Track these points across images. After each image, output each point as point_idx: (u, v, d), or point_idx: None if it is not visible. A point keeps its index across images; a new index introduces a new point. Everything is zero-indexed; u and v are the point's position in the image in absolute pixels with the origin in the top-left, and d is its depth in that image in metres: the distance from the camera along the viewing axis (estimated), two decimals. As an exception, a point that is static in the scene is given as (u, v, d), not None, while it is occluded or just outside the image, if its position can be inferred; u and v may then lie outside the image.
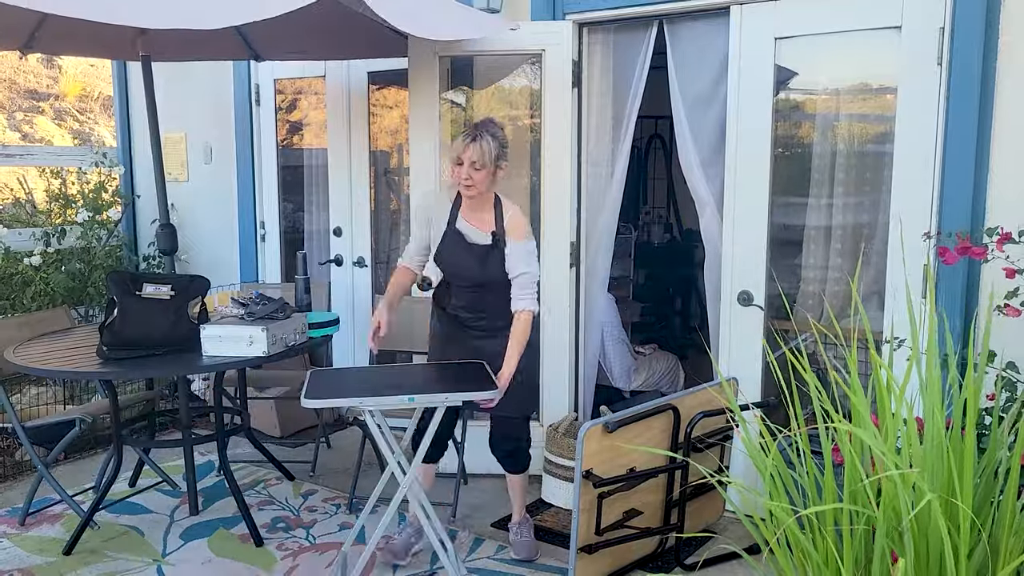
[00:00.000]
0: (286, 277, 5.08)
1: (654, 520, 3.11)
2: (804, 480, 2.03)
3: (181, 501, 3.78)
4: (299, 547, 3.36)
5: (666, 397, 3.13)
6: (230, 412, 4.04)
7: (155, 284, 3.30)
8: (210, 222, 5.34)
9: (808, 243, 3.55)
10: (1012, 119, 2.91)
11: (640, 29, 3.73)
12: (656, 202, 6.90)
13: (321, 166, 4.97)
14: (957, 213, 2.99)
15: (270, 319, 3.29)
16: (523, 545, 3.27)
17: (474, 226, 3.06)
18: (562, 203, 3.83)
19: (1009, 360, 2.66)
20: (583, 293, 3.99)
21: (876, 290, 3.31)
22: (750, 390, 3.48)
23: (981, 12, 2.90)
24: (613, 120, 3.90)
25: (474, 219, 3.07)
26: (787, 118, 3.50)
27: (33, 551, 3.34)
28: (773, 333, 3.53)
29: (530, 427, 3.26)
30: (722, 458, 3.31)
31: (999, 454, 1.96)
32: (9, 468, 4.17)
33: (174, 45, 4.13)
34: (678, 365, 4.99)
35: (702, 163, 3.63)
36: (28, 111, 9.39)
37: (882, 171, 3.28)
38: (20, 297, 4.89)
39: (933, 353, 1.95)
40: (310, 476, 4.09)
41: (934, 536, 1.77)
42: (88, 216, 5.17)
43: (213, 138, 5.25)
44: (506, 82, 4.22)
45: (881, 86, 3.30)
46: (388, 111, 5.03)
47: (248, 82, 5.01)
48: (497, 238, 3.03)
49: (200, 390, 5.13)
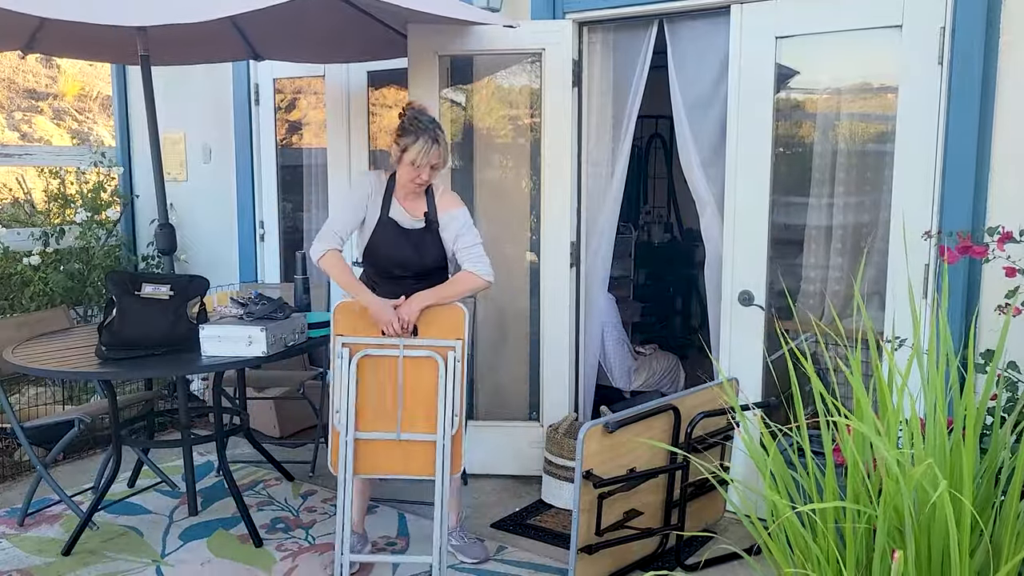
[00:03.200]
0: (285, 277, 5.07)
1: (654, 520, 3.11)
2: (805, 480, 2.03)
3: (180, 501, 3.77)
4: (298, 547, 3.35)
5: (666, 397, 3.13)
6: (229, 412, 4.04)
7: (154, 284, 3.29)
8: (209, 222, 5.33)
9: (809, 243, 3.54)
10: (1013, 118, 2.90)
11: (640, 28, 3.72)
12: (656, 202, 6.89)
13: (320, 165, 4.96)
14: (958, 212, 2.99)
15: (269, 319, 3.28)
16: (476, 546, 3.24)
17: (408, 212, 3.03)
18: (562, 203, 3.82)
19: (1011, 360, 2.65)
20: (583, 293, 3.99)
21: (877, 290, 3.30)
22: (751, 390, 3.47)
23: (982, 12, 2.89)
24: (613, 120, 3.89)
25: (408, 206, 3.04)
26: (788, 117, 3.49)
27: (32, 551, 3.33)
28: (774, 333, 3.52)
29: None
30: (722, 458, 3.30)
31: (1001, 455, 1.95)
32: (8, 468, 4.16)
33: (174, 47, 4.13)
34: (678, 365, 4.99)
35: (702, 163, 3.62)
36: (27, 111, 9.38)
37: (883, 170, 3.27)
38: (19, 297, 4.88)
39: (934, 352, 1.94)
40: (309, 476, 4.09)
41: (936, 535, 1.77)
42: (87, 216, 5.16)
43: (212, 138, 5.24)
44: (506, 81, 4.21)
45: (882, 85, 3.30)
46: (387, 110, 5.02)
47: (247, 82, 5.00)
48: (430, 219, 3.02)
49: (199, 390, 5.13)
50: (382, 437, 2.95)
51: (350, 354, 2.92)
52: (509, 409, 4.04)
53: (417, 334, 2.91)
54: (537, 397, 4.01)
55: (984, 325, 2.96)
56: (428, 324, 2.92)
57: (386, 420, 2.96)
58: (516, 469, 4.00)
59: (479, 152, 4.31)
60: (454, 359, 2.90)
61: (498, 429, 3.92)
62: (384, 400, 2.94)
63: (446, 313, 2.92)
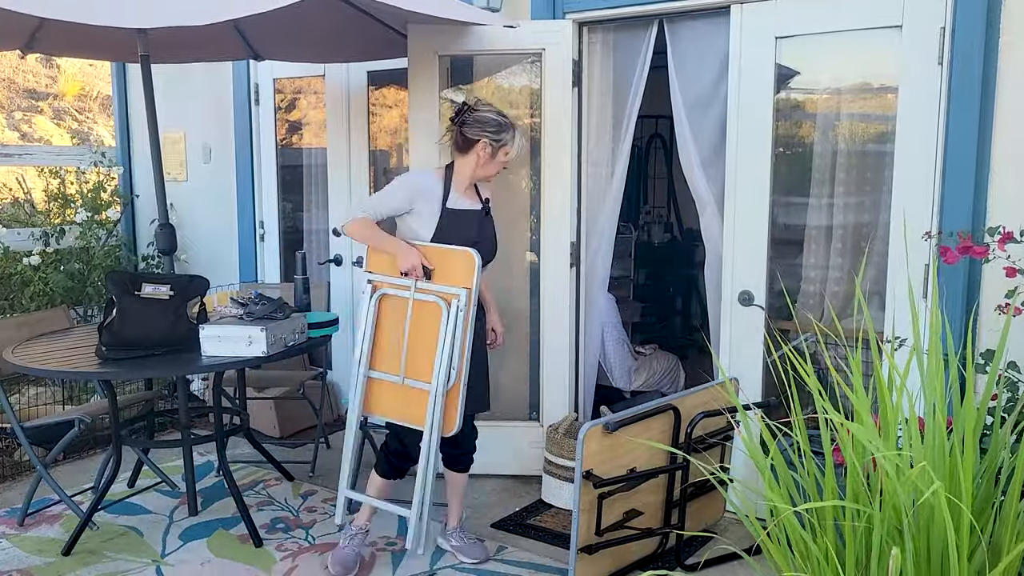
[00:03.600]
0: (285, 277, 5.07)
1: (654, 520, 3.11)
2: (805, 481, 2.03)
3: (180, 501, 3.77)
4: (298, 548, 3.35)
5: (666, 397, 3.13)
6: (229, 412, 4.03)
7: (154, 284, 3.29)
8: (209, 222, 5.33)
9: (809, 243, 3.54)
10: (1013, 118, 2.90)
11: (640, 28, 3.72)
12: (656, 202, 6.89)
13: (320, 165, 4.96)
14: (958, 212, 2.99)
15: (269, 319, 3.28)
16: (476, 547, 3.24)
17: (469, 201, 3.11)
18: (562, 203, 3.82)
19: (1011, 360, 2.65)
20: (583, 293, 3.99)
21: (877, 290, 3.30)
22: (751, 390, 3.47)
23: (982, 12, 2.89)
24: (613, 120, 3.89)
25: (467, 195, 3.12)
26: (788, 117, 3.49)
27: (32, 552, 3.33)
28: (775, 333, 3.52)
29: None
30: (722, 458, 3.30)
31: (1000, 455, 1.95)
32: (8, 468, 4.16)
33: (174, 47, 4.13)
34: (678, 365, 4.99)
35: (702, 163, 3.62)
36: (27, 110, 9.38)
37: (883, 171, 3.27)
38: (19, 297, 4.88)
39: (934, 352, 1.94)
40: (309, 476, 4.09)
41: (935, 535, 1.77)
42: (87, 216, 5.16)
43: (212, 138, 5.24)
44: (506, 81, 4.21)
45: (882, 85, 3.30)
46: (387, 110, 5.02)
47: (247, 81, 5.00)
48: (489, 205, 3.14)
49: (199, 390, 5.13)
50: (388, 379, 3.05)
51: (372, 290, 3.06)
52: (509, 409, 4.03)
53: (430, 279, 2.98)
54: (537, 397, 4.01)
55: (984, 325, 2.96)
56: (442, 271, 2.98)
57: (396, 363, 3.04)
58: (516, 469, 4.01)
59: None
60: (456, 307, 2.90)
61: (498, 429, 3.92)
62: (397, 343, 3.03)
63: (459, 259, 2.94)
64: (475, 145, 3.02)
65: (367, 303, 3.05)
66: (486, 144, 3.02)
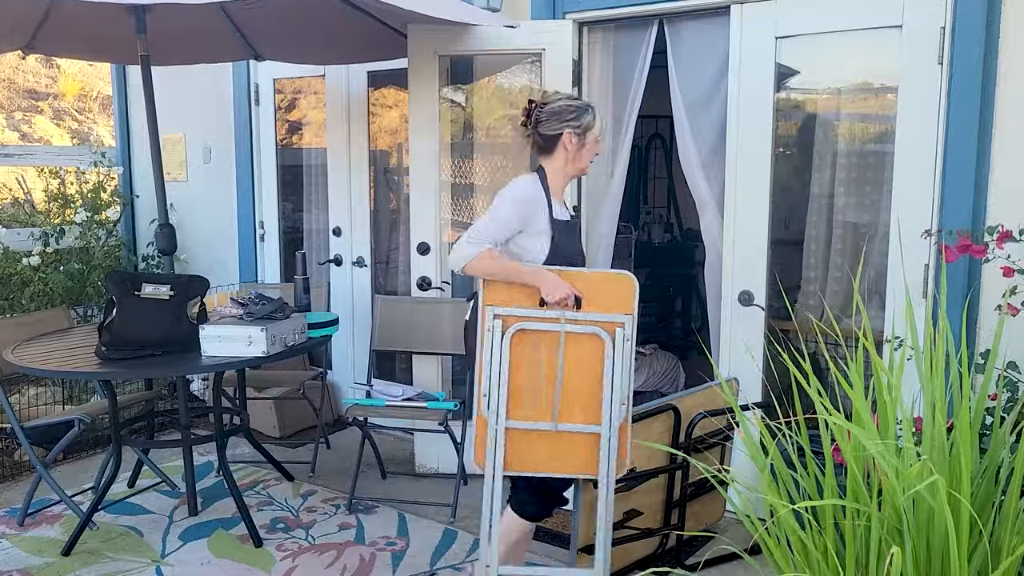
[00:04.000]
0: (285, 277, 5.07)
1: (654, 521, 3.11)
2: (805, 481, 2.03)
3: (180, 502, 3.77)
4: (298, 548, 3.35)
5: (666, 397, 3.12)
6: (229, 412, 4.04)
7: (154, 284, 3.30)
8: (209, 222, 5.33)
9: (809, 243, 3.54)
10: (1013, 118, 2.90)
11: (640, 28, 3.72)
12: (656, 202, 6.89)
13: (320, 166, 4.96)
14: (958, 211, 2.99)
15: (269, 319, 3.28)
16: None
17: (563, 209, 2.81)
18: (562, 203, 3.81)
19: (1010, 360, 2.65)
20: (583, 293, 3.97)
21: (877, 290, 3.30)
22: (750, 390, 3.47)
23: (982, 12, 2.89)
24: (613, 119, 3.89)
25: (561, 202, 2.85)
26: (788, 117, 3.50)
27: (32, 552, 3.33)
28: (775, 333, 3.52)
29: None
30: (722, 459, 3.30)
31: (1000, 455, 1.95)
32: (8, 468, 4.16)
33: (174, 47, 4.13)
34: (678, 365, 4.99)
35: (702, 163, 3.62)
36: (27, 111, 9.38)
37: (883, 170, 3.27)
38: (19, 297, 4.88)
39: (930, 351, 1.94)
40: (309, 477, 4.09)
41: (935, 535, 1.77)
42: (87, 216, 5.17)
43: (212, 138, 5.24)
44: (506, 81, 4.22)
45: (882, 85, 3.30)
46: (387, 110, 5.03)
47: (247, 82, 5.00)
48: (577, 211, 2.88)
49: (199, 390, 5.13)
50: (534, 427, 2.56)
51: (503, 327, 2.54)
52: (509, 409, 4.02)
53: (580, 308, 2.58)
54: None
55: (984, 325, 2.96)
56: (592, 297, 2.56)
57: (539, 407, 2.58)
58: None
59: (479, 152, 4.32)
60: (623, 337, 2.53)
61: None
62: (536, 384, 2.57)
63: (615, 284, 2.56)
64: (559, 140, 2.71)
65: (498, 343, 2.53)
66: (571, 135, 2.70)
